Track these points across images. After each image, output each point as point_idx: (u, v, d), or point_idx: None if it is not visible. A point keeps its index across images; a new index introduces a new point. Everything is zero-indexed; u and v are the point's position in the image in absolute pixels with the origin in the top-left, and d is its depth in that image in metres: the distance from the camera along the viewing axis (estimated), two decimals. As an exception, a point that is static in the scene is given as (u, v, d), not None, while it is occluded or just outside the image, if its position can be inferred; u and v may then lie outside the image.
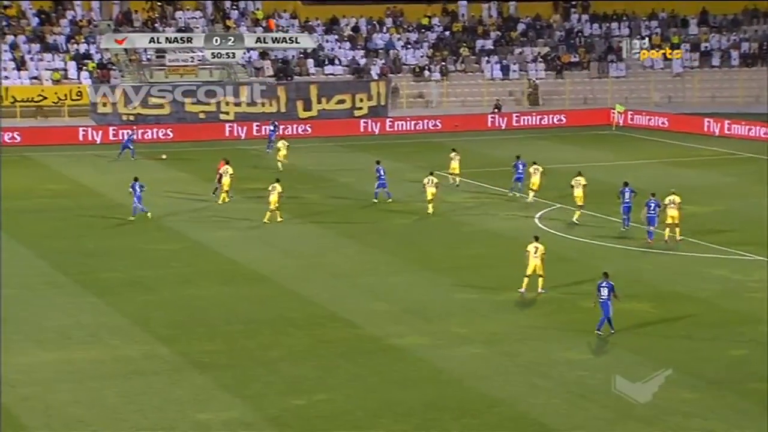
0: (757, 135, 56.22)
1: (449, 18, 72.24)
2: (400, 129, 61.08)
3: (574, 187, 37.51)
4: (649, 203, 33.69)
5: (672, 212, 33.84)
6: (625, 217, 35.52)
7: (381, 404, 21.31)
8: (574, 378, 22.39)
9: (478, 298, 28.44)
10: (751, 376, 22.23)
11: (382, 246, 34.33)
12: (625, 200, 35.36)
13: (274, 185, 37.57)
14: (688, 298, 27.96)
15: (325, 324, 26.41)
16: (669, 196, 34.28)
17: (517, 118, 62.95)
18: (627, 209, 35.33)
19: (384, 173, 40.80)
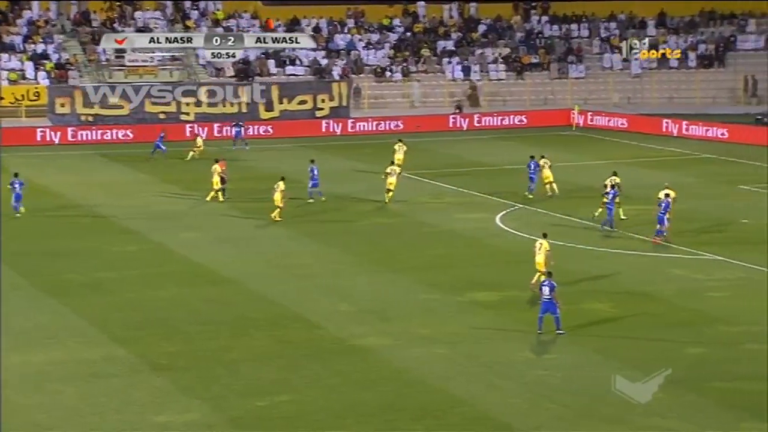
0: (714, 136, 56.82)
1: (410, 19, 72.33)
2: (361, 130, 61.04)
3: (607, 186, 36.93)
4: (661, 203, 33.84)
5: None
6: (608, 218, 35.65)
7: (343, 405, 21.25)
8: (535, 377, 22.46)
9: (440, 299, 28.46)
10: (709, 375, 22.42)
11: (345, 246, 34.27)
12: (608, 201, 35.52)
13: (278, 183, 37.71)
14: (649, 298, 28.16)
15: (288, 325, 26.30)
16: (663, 191, 34.63)
17: (479, 119, 63.18)
18: (610, 210, 35.43)
19: (317, 173, 40.63)
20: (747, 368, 22.80)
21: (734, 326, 25.69)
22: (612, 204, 35.54)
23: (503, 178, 46.14)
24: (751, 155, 51.09)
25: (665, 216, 33.53)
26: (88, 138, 56.31)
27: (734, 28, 71.44)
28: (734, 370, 22.67)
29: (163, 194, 42.63)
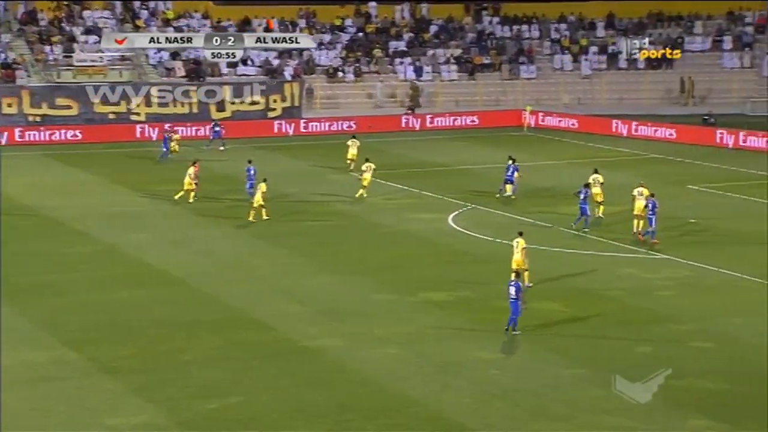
0: (663, 136, 57.52)
1: (362, 19, 72.38)
2: (314, 130, 60.96)
3: (592, 184, 37.21)
4: (647, 203, 34.07)
5: (639, 204, 34.50)
6: (579, 218, 35.89)
7: (295, 406, 21.22)
8: (487, 377, 22.59)
9: (393, 299, 28.51)
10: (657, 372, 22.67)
11: (298, 247, 34.20)
12: (580, 201, 35.79)
13: (260, 184, 37.53)
14: (599, 297, 28.43)
15: (240, 326, 26.20)
16: (637, 188, 34.99)
17: (431, 119, 63.40)
18: (583, 210, 35.70)
19: (254, 173, 40.45)
20: (694, 366, 23.12)
21: (682, 324, 26.03)
22: (585, 203, 35.69)
23: (456, 178, 46.34)
24: (699, 155, 51.81)
25: (653, 216, 33.67)
26: (36, 138, 55.64)
27: (681, 30, 72.36)
28: (682, 367, 22.95)
29: (113, 195, 42.23)
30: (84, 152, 52.19)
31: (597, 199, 37.09)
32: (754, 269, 30.62)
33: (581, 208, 35.73)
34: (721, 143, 54.68)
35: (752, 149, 53.12)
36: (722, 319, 26.25)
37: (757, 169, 47.76)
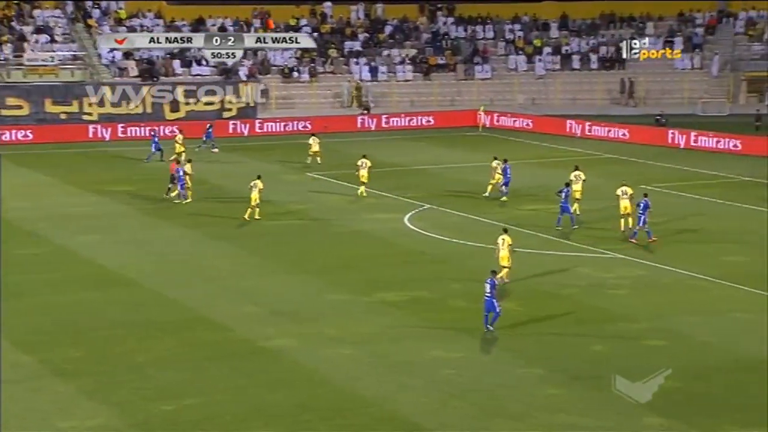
0: (616, 136, 58.04)
1: (317, 19, 72.25)
2: (269, 130, 60.79)
3: (573, 181, 37.47)
4: (639, 203, 34.24)
5: (624, 203, 34.85)
6: (560, 216, 36.12)
7: (251, 407, 21.11)
8: (443, 377, 22.62)
9: (349, 299, 28.47)
10: (614, 371, 22.74)
11: (253, 248, 34.04)
12: (562, 200, 36.00)
13: (255, 182, 37.43)
14: (554, 296, 28.58)
15: (195, 327, 26.01)
16: (620, 188, 35.23)
17: (387, 119, 63.48)
18: (565, 209, 35.94)
19: (184, 174, 40.11)
20: (648, 364, 23.27)
21: (636, 323, 26.26)
22: (566, 202, 35.89)
23: (412, 178, 46.40)
24: (651, 155, 52.34)
25: (645, 216, 33.87)
26: (-13, 138, 54.91)
27: (633, 31, 73.08)
28: (635, 366, 23.13)
29: (65, 196, 41.75)
30: (35, 153, 51.57)
31: (576, 195, 37.46)
32: (706, 268, 30.96)
33: (562, 206, 35.91)
34: (672, 143, 55.30)
35: (703, 149, 53.78)
36: (676, 318, 26.52)
37: (708, 168, 48.36)
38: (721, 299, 28.06)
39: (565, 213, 35.97)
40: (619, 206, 35.01)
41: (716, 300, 28.02)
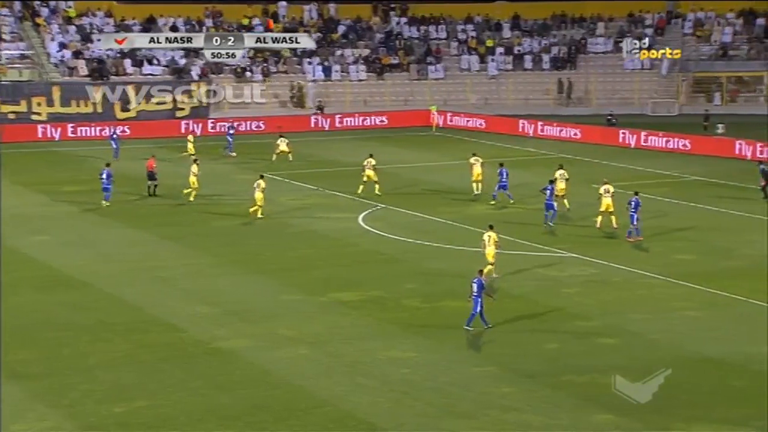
0: (568, 136, 58.52)
1: (270, 19, 72.00)
2: (222, 130, 60.41)
3: (558, 179, 38.06)
4: (630, 201, 34.58)
5: (606, 201, 35.27)
6: (546, 214, 36.50)
7: (205, 408, 20.98)
8: (398, 376, 22.65)
9: (303, 299, 28.42)
10: (564, 369, 23.04)
11: (206, 248, 33.85)
12: (547, 197, 36.48)
13: (258, 182, 37.57)
14: (507, 295, 28.72)
15: (147, 329, 25.81)
16: (603, 186, 35.67)
17: (340, 119, 63.45)
18: (549, 206, 36.42)
19: (108, 176, 39.54)
20: (599, 361, 23.54)
21: (588, 321, 26.48)
22: (551, 199, 36.34)
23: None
24: (603, 155, 52.81)
25: (636, 215, 34.20)
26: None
27: (584, 31, 73.73)
28: (587, 363, 23.38)
29: (14, 197, 41.20)
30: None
31: (560, 193, 37.96)
32: (656, 267, 31.31)
33: (547, 204, 36.33)
34: (623, 143, 55.86)
35: (653, 149, 54.38)
36: (626, 316, 26.78)
37: (658, 168, 48.90)
38: (671, 297, 28.40)
39: (550, 210, 36.44)
40: (601, 204, 35.50)
41: (665, 298, 28.34)
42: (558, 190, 37.67)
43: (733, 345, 24.42)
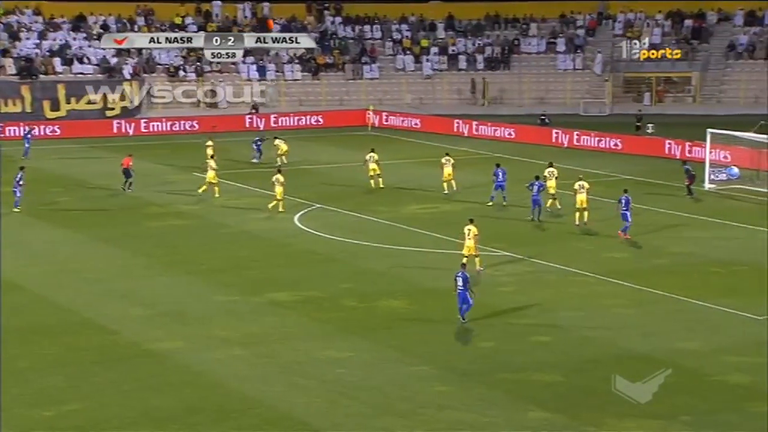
0: (502, 136, 58.98)
1: (203, 18, 71.47)
2: (155, 130, 59.88)
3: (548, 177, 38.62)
4: (620, 199, 34.92)
5: (581, 197, 35.88)
6: (533, 209, 37.18)
7: (138, 411, 20.76)
8: (334, 376, 22.64)
9: (238, 300, 28.26)
10: (499, 367, 23.22)
11: (139, 249, 33.48)
12: (533, 193, 36.97)
13: (276, 176, 38.30)
14: (442, 294, 28.83)
15: (79, 331, 25.45)
16: (578, 182, 36.21)
17: (275, 119, 63.21)
18: (536, 202, 37.01)
19: (20, 178, 38.87)
20: (533, 359, 23.77)
21: (522, 319, 26.71)
22: (538, 195, 36.93)
23: (301, 178, 46.24)
24: (537, 154, 53.32)
25: (628, 212, 34.59)
26: None
27: (518, 32, 74.39)
28: (521, 361, 23.59)
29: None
30: None
31: (551, 191, 38.57)
32: (589, 265, 31.70)
33: (534, 199, 36.94)
34: (557, 143, 56.45)
35: (585, 148, 55.03)
36: (559, 313, 27.08)
37: (591, 167, 49.50)
38: (603, 295, 28.78)
39: (537, 206, 37.06)
40: (576, 200, 36.10)
41: (598, 296, 28.72)
42: (548, 187, 38.50)
43: (663, 341, 24.84)
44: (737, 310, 26.91)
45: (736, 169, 43.23)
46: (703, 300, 27.82)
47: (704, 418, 20.07)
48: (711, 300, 27.78)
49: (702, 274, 30.72)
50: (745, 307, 27.05)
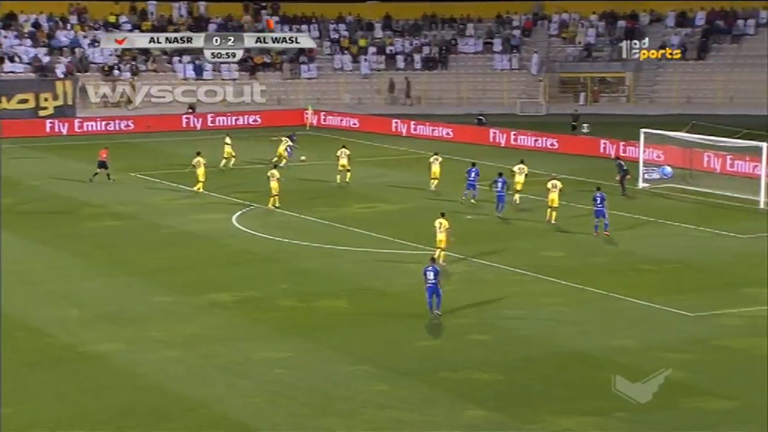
0: (440, 135, 59.26)
1: (138, 16, 70.72)
2: (90, 130, 59.14)
3: (517, 173, 39.84)
4: (596, 197, 35.29)
5: (552, 195, 36.72)
6: (500, 205, 37.95)
7: (75, 414, 20.51)
8: (273, 376, 22.58)
9: (176, 301, 28.04)
10: (438, 366, 23.34)
11: (74, 250, 33.05)
12: (498, 189, 37.66)
13: (272, 171, 38.60)
14: (382, 294, 28.94)
15: (13, 333, 25.06)
16: (551, 181, 37.07)
17: (212, 119, 62.79)
18: (501, 198, 37.61)
19: None
20: (472, 358, 23.94)
21: (462, 318, 26.88)
22: (502, 191, 37.66)
23: (239, 178, 46.02)
24: (474, 153, 53.66)
25: (604, 208, 35.04)
26: None
27: (455, 32, 74.78)
28: (461, 360, 23.74)
29: None
30: None
31: (517, 187, 39.53)
32: (526, 264, 31.98)
33: (499, 195, 37.70)
34: (494, 142, 56.87)
35: (522, 147, 55.50)
36: (498, 312, 27.29)
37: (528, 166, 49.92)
38: (540, 293, 29.07)
39: (501, 202, 37.84)
40: (548, 198, 36.87)
41: (536, 294, 29.00)
42: (516, 183, 39.52)
43: (599, 339, 25.18)
44: (670, 308, 27.38)
45: (669, 168, 43.95)
46: (637, 298, 28.26)
47: (639, 414, 20.38)
48: (645, 298, 28.23)
49: (636, 272, 31.20)
50: (678, 305, 27.54)
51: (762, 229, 36.74)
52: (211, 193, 42.41)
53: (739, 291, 29.05)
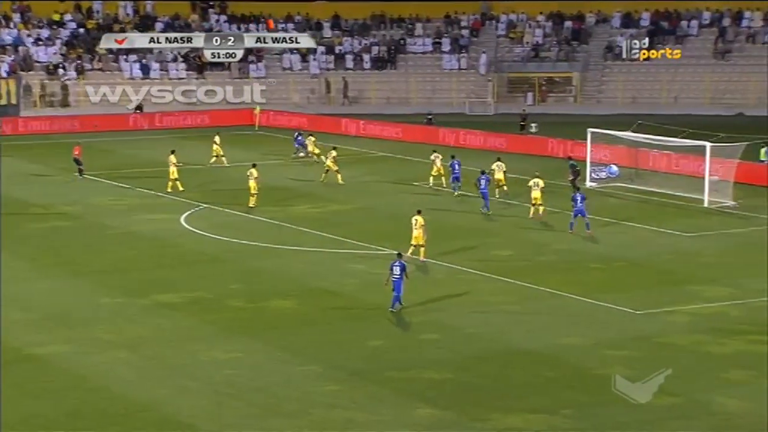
0: (390, 135, 59.38)
1: (83, 15, 69.96)
2: (33, 129, 58.40)
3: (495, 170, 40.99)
4: (575, 197, 35.79)
5: (535, 193, 37.42)
6: (485, 203, 38.83)
7: (20, 417, 20.25)
8: (222, 377, 22.48)
9: (123, 302, 27.80)
10: (387, 365, 23.40)
11: (18, 252, 32.61)
12: (481, 187, 38.39)
13: (250, 171, 38.27)
14: (331, 294, 28.93)
15: (-44, 338, 24.66)
16: (533, 179, 37.74)
17: (160, 118, 62.33)
18: (485, 195, 38.75)
19: None
20: (421, 357, 24.03)
21: (411, 317, 26.96)
22: (486, 189, 38.56)
23: (188, 178, 45.67)
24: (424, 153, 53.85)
25: (583, 209, 35.43)
26: None
27: (403, 32, 74.93)
28: (410, 359, 23.82)
29: None
30: None
31: (500, 183, 40.71)
32: (474, 262, 32.17)
33: (482, 193, 38.58)
34: (443, 141, 57.07)
35: (471, 147, 55.79)
36: (447, 311, 27.41)
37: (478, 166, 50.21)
38: (489, 292, 29.24)
39: (486, 200, 38.65)
40: (531, 196, 37.59)
41: (484, 293, 29.16)
42: (496, 180, 40.63)
43: (547, 337, 25.39)
44: (617, 305, 27.69)
45: (616, 168, 44.45)
46: (584, 296, 28.54)
47: (586, 410, 20.61)
48: (592, 296, 28.52)
49: (583, 271, 31.51)
50: (625, 302, 27.86)
51: (706, 227, 37.31)
52: (157, 193, 42.07)
53: (685, 288, 29.45)
